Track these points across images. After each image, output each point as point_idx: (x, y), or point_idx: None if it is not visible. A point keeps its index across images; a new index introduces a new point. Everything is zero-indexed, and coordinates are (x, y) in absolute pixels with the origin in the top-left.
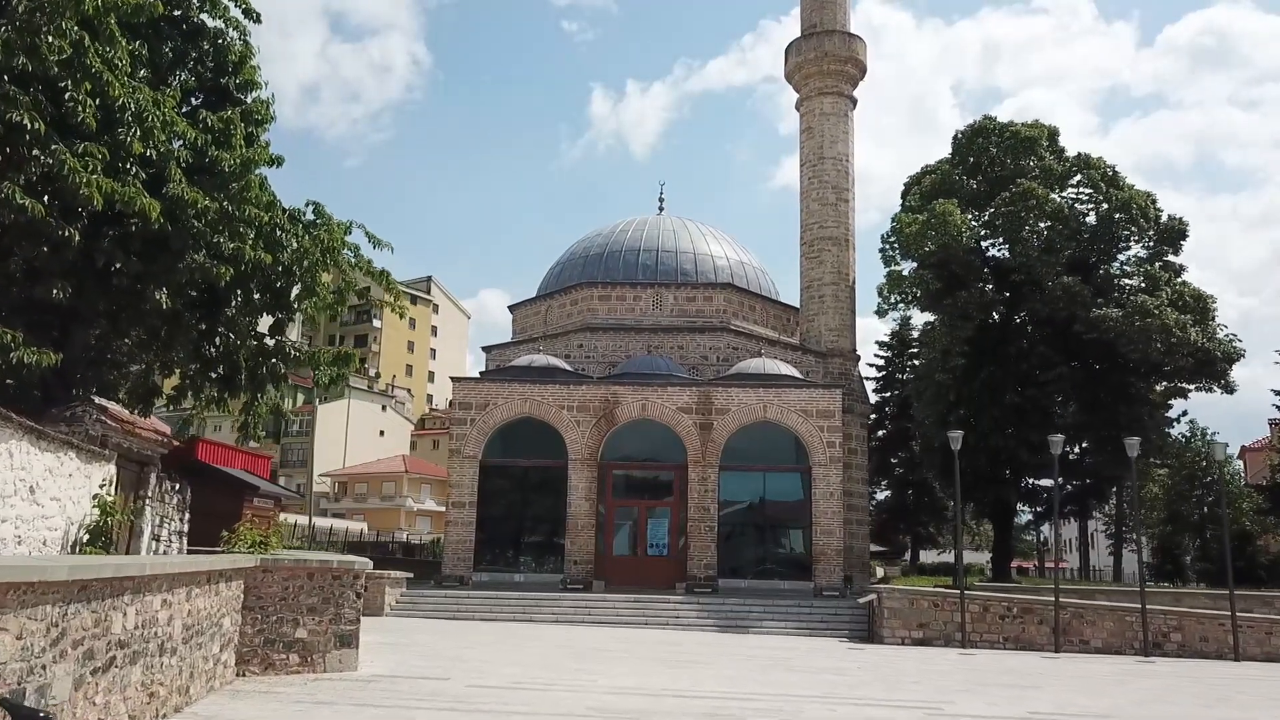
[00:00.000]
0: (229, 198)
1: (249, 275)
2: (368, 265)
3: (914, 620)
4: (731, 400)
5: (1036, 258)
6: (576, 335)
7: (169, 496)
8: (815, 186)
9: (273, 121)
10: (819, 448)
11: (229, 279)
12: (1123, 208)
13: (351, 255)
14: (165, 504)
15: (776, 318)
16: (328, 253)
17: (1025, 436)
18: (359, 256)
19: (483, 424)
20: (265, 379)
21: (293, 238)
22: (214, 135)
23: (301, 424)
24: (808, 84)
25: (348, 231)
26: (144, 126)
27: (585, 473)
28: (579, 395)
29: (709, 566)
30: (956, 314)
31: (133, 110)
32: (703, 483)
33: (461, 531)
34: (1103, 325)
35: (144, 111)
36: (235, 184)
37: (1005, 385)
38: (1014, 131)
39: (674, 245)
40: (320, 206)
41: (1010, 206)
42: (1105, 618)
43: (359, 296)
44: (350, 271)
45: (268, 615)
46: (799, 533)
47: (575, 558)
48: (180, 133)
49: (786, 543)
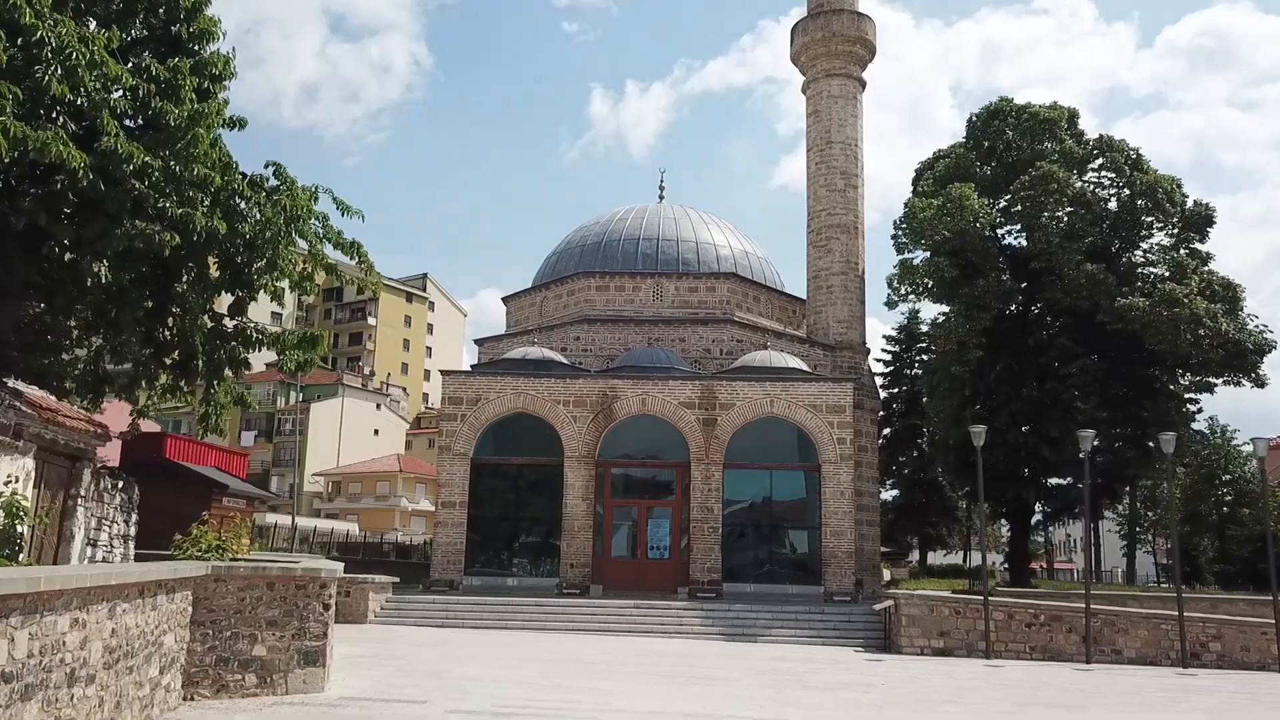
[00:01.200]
0: (175, 155)
1: (202, 246)
2: (337, 236)
3: (934, 629)
4: (736, 394)
5: (1058, 245)
6: (573, 327)
7: (109, 496)
8: (822, 172)
9: (232, 78)
10: (829, 444)
11: (177, 248)
12: (1147, 192)
13: (319, 226)
14: (105, 504)
15: (782, 309)
16: (293, 222)
17: (1045, 432)
18: (328, 227)
19: (474, 420)
20: (224, 364)
21: (255, 206)
22: (159, 86)
23: (294, 422)
24: (814, 65)
25: (314, 198)
26: (66, 65)
27: (582, 471)
28: (575, 389)
29: (713, 570)
30: (973, 304)
31: (52, 45)
32: (706, 481)
33: (451, 533)
34: (1128, 315)
35: (66, 47)
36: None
37: (1023, 379)
38: (1032, 113)
39: (675, 234)
40: (282, 169)
41: (1030, 191)
42: (1139, 625)
43: (328, 272)
44: (318, 244)
45: (221, 630)
46: (807, 534)
47: (571, 561)
48: (116, 78)
49: (794, 545)
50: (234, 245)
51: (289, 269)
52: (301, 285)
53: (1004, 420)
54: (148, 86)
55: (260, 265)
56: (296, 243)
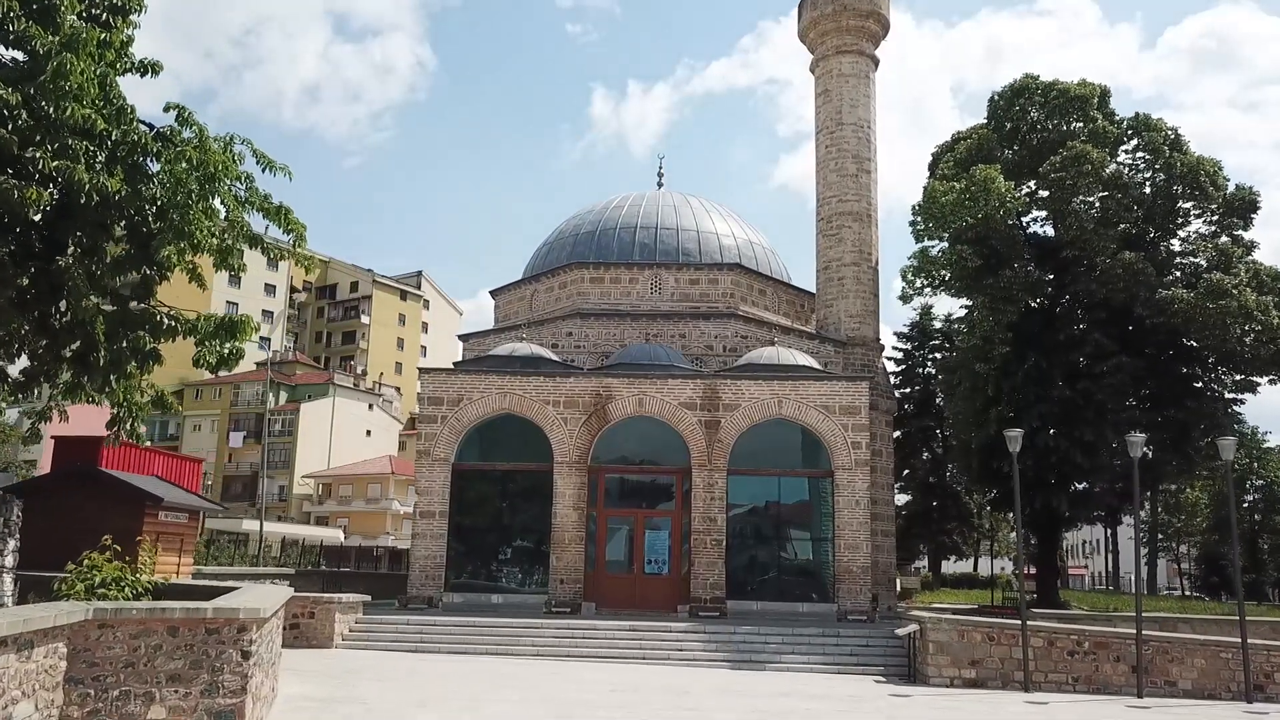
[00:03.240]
0: (39, 89)
1: (94, 211)
2: (262, 200)
3: (965, 656)
4: (741, 394)
5: (1092, 231)
6: (565, 322)
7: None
8: (833, 156)
9: (141, 12)
10: (842, 449)
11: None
12: (1187, 176)
13: (242, 188)
14: None
15: (789, 303)
16: (208, 182)
17: (1078, 436)
18: (252, 189)
19: (455, 422)
20: (126, 357)
21: (168, 164)
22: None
23: (284, 423)
24: (824, 42)
25: (229, 150)
26: None
27: (573, 477)
28: (567, 388)
29: (716, 586)
30: (999, 296)
31: None
32: (708, 489)
33: (430, 545)
34: (1170, 309)
35: None
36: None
37: (1052, 378)
38: (1061, 90)
39: (675, 222)
40: (187, 113)
41: (1060, 173)
42: (1195, 654)
43: (251, 245)
44: (239, 209)
45: (105, 689)
46: (818, 546)
47: (562, 576)
48: None
49: (804, 558)
50: (139, 211)
51: (205, 239)
52: (226, 261)
53: (1033, 422)
54: (8, 2)
55: (167, 235)
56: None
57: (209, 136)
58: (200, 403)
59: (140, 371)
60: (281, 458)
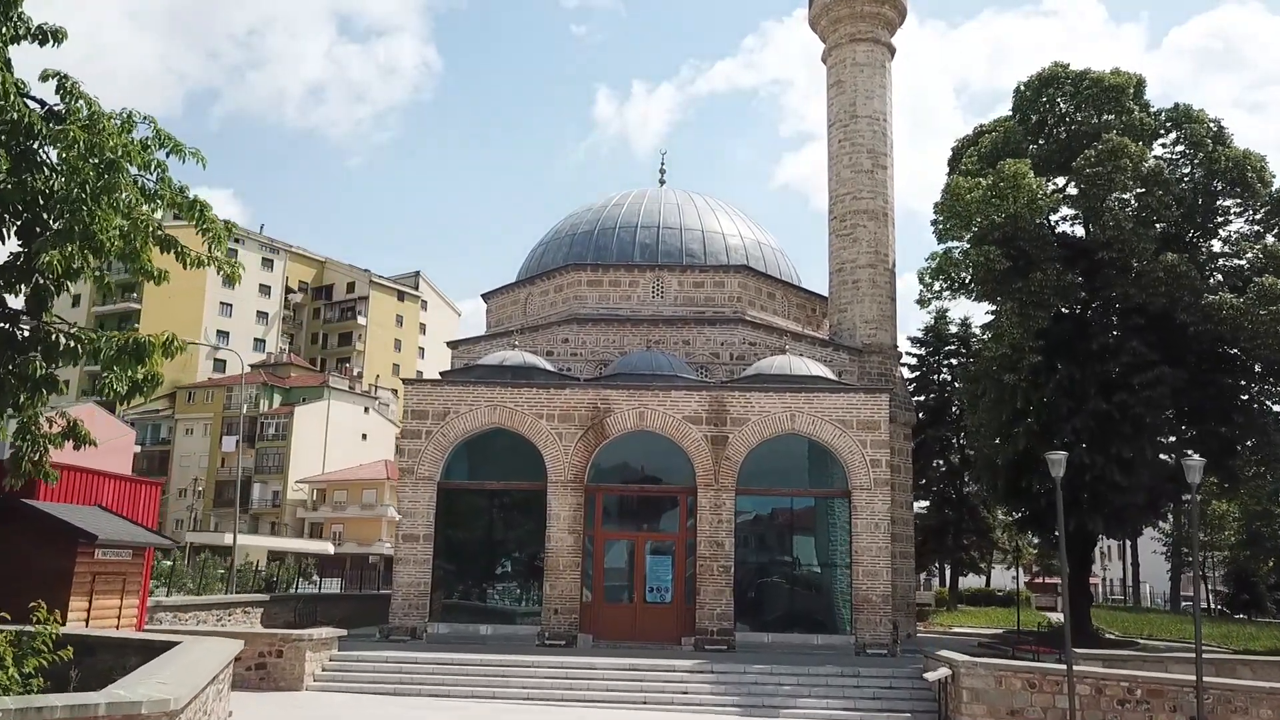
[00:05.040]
0: None
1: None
2: (174, 194)
3: (1003, 705)
4: (751, 407)
5: (1131, 231)
6: (561, 328)
7: None
8: (846, 150)
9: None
10: (860, 467)
11: None
12: (1231, 171)
13: (153, 179)
14: None
15: (800, 307)
16: (109, 171)
17: (1115, 452)
18: (164, 180)
19: (441, 437)
20: (13, 385)
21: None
22: None
23: (277, 427)
24: (837, 29)
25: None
26: None
27: (569, 497)
28: (562, 401)
29: (723, 617)
30: (1029, 301)
31: None
32: (715, 510)
33: (414, 571)
34: (1218, 315)
35: None
36: None
37: (1086, 389)
38: (1094, 79)
39: (678, 221)
40: (70, 83)
41: (1096, 168)
42: (1262, 703)
43: (163, 248)
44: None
45: None
46: (834, 573)
47: (556, 605)
48: None
49: (818, 586)
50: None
51: (108, 241)
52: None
53: (1065, 438)
54: None
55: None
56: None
57: (102, 114)
58: (193, 406)
59: (33, 402)
60: (275, 462)
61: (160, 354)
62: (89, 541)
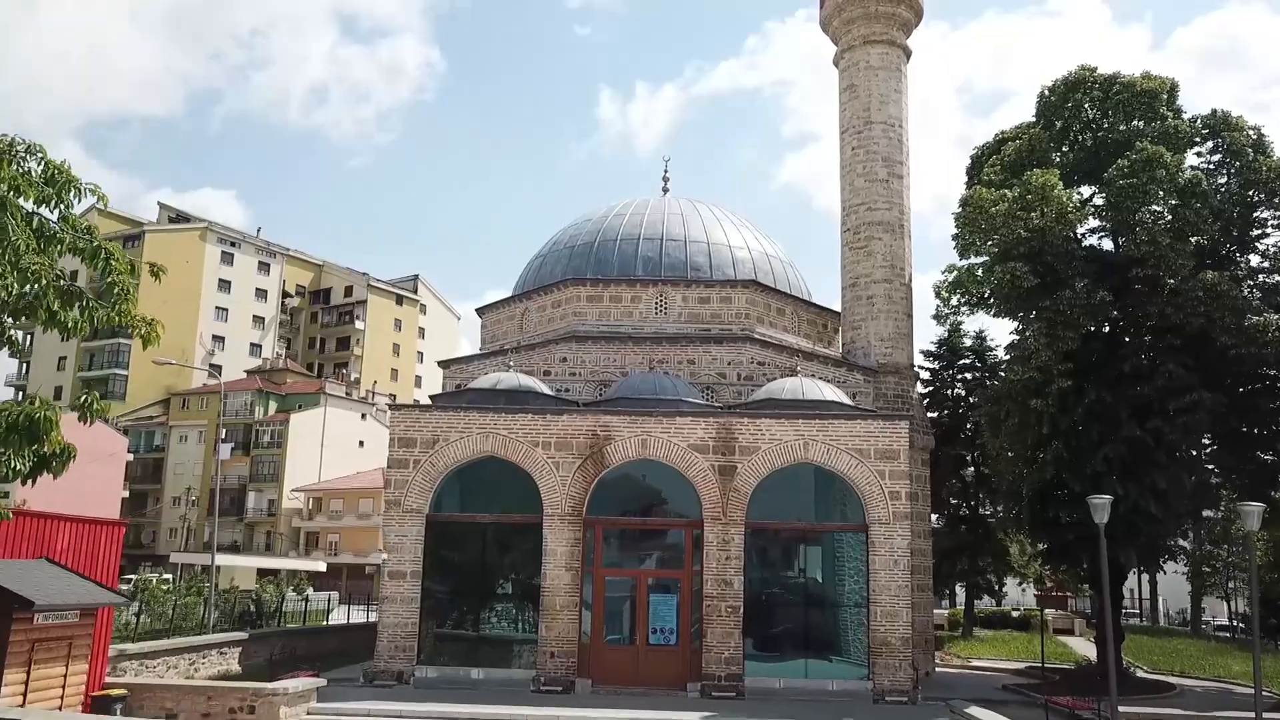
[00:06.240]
0: None
1: None
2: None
3: None
4: (761, 435)
5: (1168, 246)
6: (559, 346)
7: None
8: (860, 159)
9: None
10: (879, 500)
11: None
12: (1272, 182)
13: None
14: None
15: (811, 324)
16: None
17: (1151, 482)
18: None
19: (430, 467)
20: None
21: None
22: None
23: (273, 434)
24: (849, 31)
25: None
26: None
27: (566, 532)
28: (559, 428)
29: (732, 661)
30: (1058, 321)
31: None
32: (723, 547)
33: (401, 611)
34: (1264, 338)
35: None
36: None
37: (1118, 415)
38: (1125, 84)
39: (682, 233)
40: None
41: (1130, 179)
42: None
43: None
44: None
45: None
46: (851, 613)
47: (552, 647)
48: None
49: (834, 625)
50: None
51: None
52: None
53: (1097, 466)
54: None
55: None
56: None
57: None
58: (187, 413)
59: None
60: (270, 470)
61: (58, 431)
62: (25, 608)
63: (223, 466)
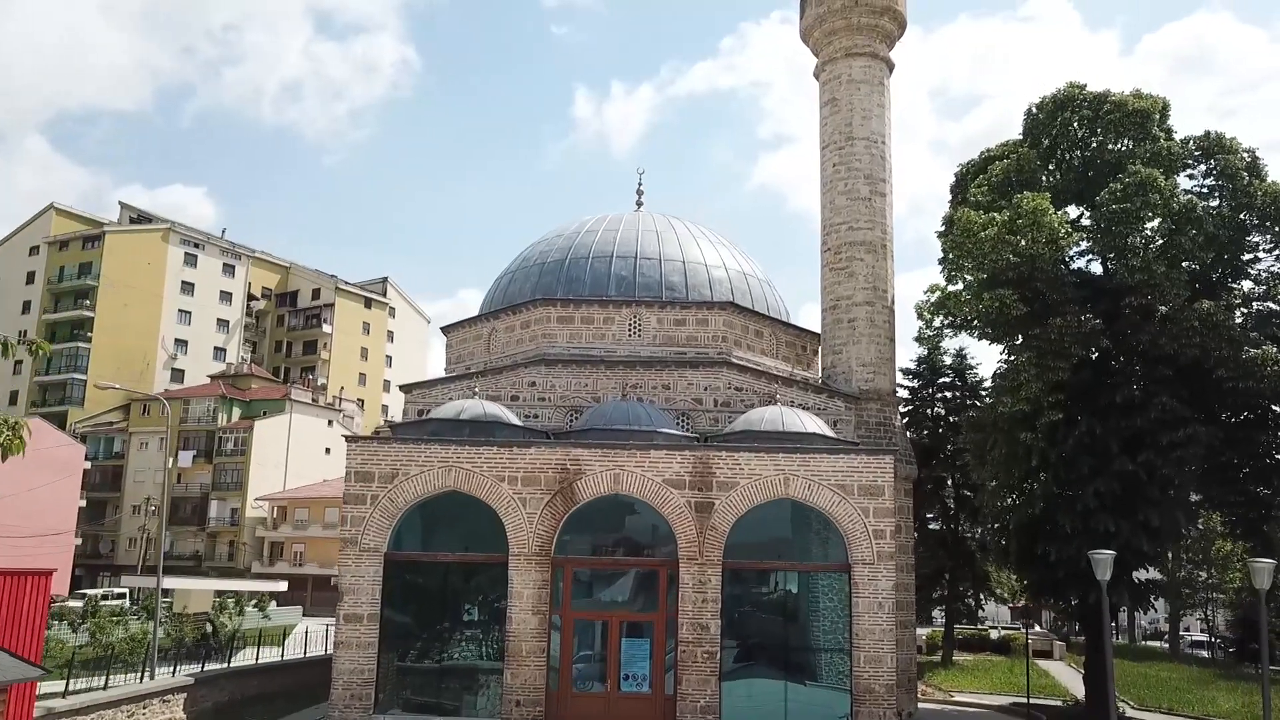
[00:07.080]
0: None
1: None
2: None
3: None
4: (739, 470)
5: (1164, 274)
6: (527, 370)
7: None
8: (842, 175)
9: None
10: (862, 539)
11: None
12: (1267, 207)
13: None
14: None
15: (790, 345)
16: None
17: (1143, 520)
18: None
19: (389, 503)
20: None
21: None
22: None
23: (236, 441)
24: (831, 43)
25: None
26: None
27: (533, 573)
28: (526, 461)
29: (708, 710)
30: (1048, 350)
31: None
32: (699, 588)
33: (357, 656)
34: (1262, 371)
35: None
36: None
37: (1109, 447)
38: (1115, 102)
39: (657, 250)
40: None
41: (1122, 203)
42: None
43: None
44: None
45: None
46: (832, 658)
47: (518, 695)
48: None
49: (815, 671)
50: None
51: None
52: None
53: (1088, 502)
54: None
55: None
56: None
57: None
58: (148, 419)
59: None
60: (233, 479)
61: None
62: None
63: (184, 475)
